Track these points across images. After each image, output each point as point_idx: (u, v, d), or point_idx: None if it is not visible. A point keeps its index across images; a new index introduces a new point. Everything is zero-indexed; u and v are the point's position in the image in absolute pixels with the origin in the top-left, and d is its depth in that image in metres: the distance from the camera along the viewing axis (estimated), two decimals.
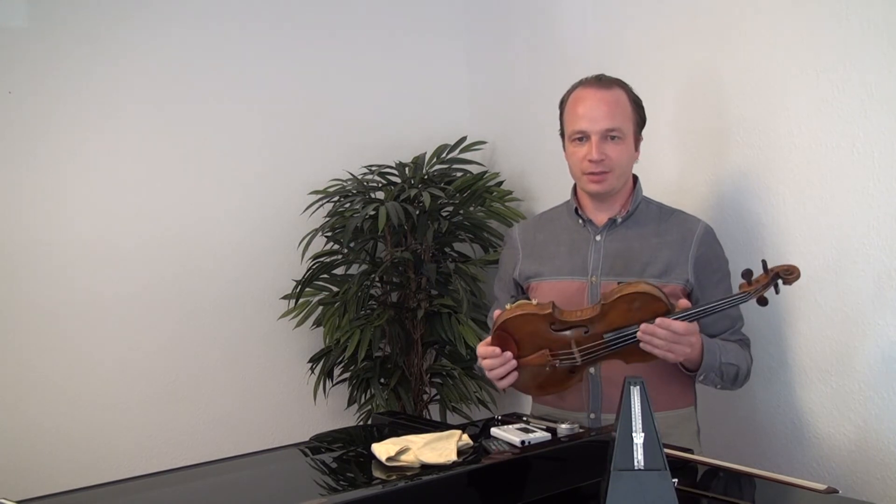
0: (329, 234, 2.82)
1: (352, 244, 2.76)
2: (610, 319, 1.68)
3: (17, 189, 2.58)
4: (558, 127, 1.94)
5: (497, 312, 1.78)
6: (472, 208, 2.87)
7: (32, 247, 2.59)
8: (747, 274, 1.64)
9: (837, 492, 1.35)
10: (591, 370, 1.84)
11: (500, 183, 2.96)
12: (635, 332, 1.66)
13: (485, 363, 1.76)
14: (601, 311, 1.68)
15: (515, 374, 1.75)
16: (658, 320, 1.63)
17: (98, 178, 2.68)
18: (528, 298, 1.85)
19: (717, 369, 1.77)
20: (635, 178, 1.93)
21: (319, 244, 2.85)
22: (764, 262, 1.65)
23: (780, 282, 1.64)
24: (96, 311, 2.68)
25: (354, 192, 2.80)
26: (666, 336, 1.63)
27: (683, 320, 1.64)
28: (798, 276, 1.64)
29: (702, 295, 1.83)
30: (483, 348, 1.77)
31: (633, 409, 1.25)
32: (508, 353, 1.73)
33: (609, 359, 1.74)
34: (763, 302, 1.67)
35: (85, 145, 2.66)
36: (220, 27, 2.85)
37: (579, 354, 1.71)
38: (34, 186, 2.60)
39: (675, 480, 1.24)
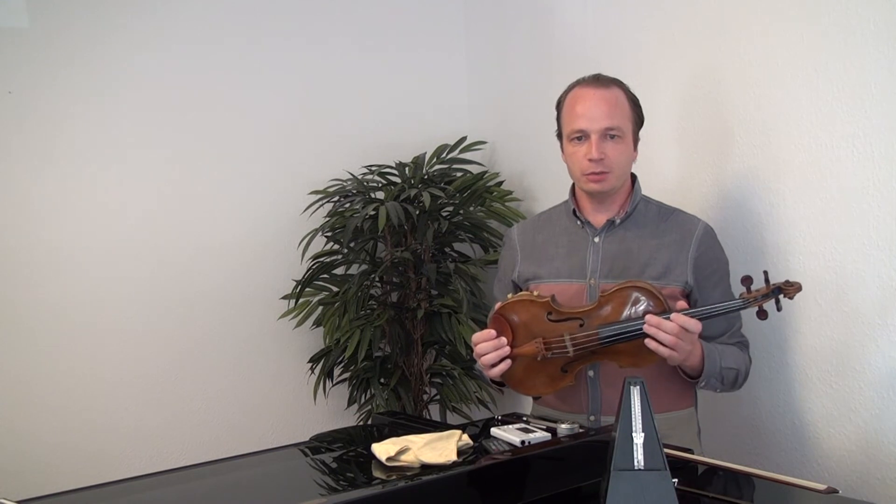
0: (329, 234, 2.83)
1: (352, 244, 2.76)
2: (606, 314, 1.71)
3: (18, 189, 2.58)
4: (555, 128, 1.93)
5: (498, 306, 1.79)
6: (472, 208, 2.87)
7: (34, 248, 2.60)
8: (747, 280, 1.64)
9: (837, 492, 1.35)
10: (591, 373, 1.83)
11: (500, 183, 2.96)
12: (629, 328, 1.67)
13: (478, 348, 1.76)
14: (598, 304, 1.72)
15: (508, 362, 1.75)
16: (673, 315, 1.62)
17: (98, 177, 2.68)
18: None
19: (717, 374, 1.76)
20: (634, 178, 1.92)
21: (319, 244, 2.86)
22: (766, 273, 1.64)
23: (781, 296, 1.63)
24: (96, 311, 2.68)
25: (354, 192, 2.80)
26: (673, 330, 1.62)
27: None
28: (799, 290, 1.64)
29: (700, 296, 1.82)
30: (477, 334, 1.78)
31: (633, 410, 1.25)
32: (503, 339, 1.74)
33: (602, 358, 1.74)
34: (762, 315, 1.66)
35: (85, 145, 2.66)
36: (221, 28, 2.85)
37: (571, 346, 1.71)
38: (35, 186, 2.60)
39: (675, 480, 1.24)
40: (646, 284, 1.70)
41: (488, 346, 1.75)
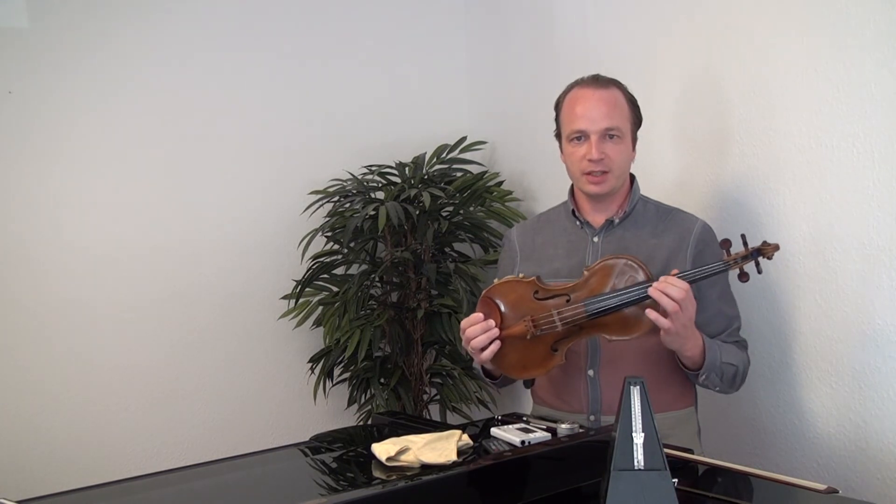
0: (329, 234, 2.83)
1: (352, 244, 2.76)
2: (591, 287, 1.73)
3: (19, 188, 2.58)
4: (554, 128, 1.93)
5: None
6: (472, 208, 2.87)
7: (33, 248, 2.60)
8: (726, 244, 1.67)
9: (837, 492, 1.35)
10: (590, 372, 1.83)
11: (500, 183, 2.96)
12: (616, 299, 1.68)
13: (467, 332, 1.76)
14: (584, 279, 1.74)
15: (497, 344, 1.75)
16: (669, 277, 1.63)
17: (98, 177, 2.68)
18: None
19: (717, 368, 1.76)
20: (632, 178, 1.93)
21: (319, 244, 2.86)
22: (743, 236, 1.67)
23: (760, 257, 1.66)
24: (97, 311, 2.68)
25: (354, 192, 2.80)
26: (679, 294, 1.61)
27: None
28: (776, 249, 1.67)
29: (699, 294, 1.81)
30: (466, 319, 1.78)
31: (633, 409, 1.25)
32: (491, 321, 1.74)
33: (591, 332, 1.75)
34: (744, 278, 1.67)
35: (85, 145, 2.66)
36: (221, 27, 2.85)
37: (559, 319, 1.72)
38: (36, 185, 2.60)
39: (675, 480, 1.24)
40: (629, 256, 1.73)
41: (477, 329, 1.74)
